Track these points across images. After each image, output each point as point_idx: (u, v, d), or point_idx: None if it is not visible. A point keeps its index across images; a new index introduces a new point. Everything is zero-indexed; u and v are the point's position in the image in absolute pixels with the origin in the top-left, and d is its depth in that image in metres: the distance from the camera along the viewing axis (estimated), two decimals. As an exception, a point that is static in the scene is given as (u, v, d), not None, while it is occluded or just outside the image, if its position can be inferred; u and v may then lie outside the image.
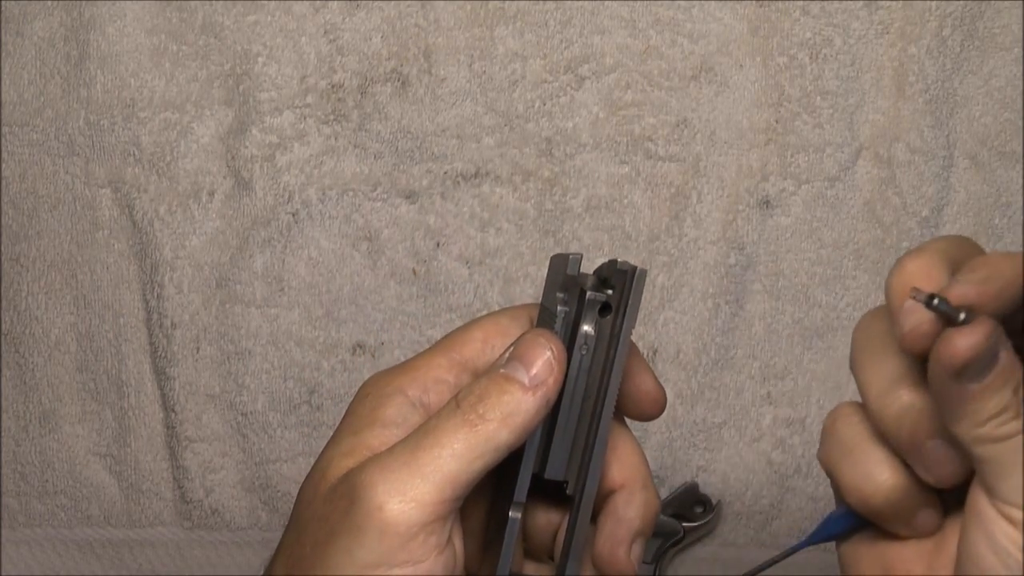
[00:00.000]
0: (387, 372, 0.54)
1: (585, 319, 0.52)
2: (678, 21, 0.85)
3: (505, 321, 0.55)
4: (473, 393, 0.51)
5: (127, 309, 0.86)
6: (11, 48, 0.86)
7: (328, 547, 0.49)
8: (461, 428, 0.50)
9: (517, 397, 0.50)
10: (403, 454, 0.50)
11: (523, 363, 0.51)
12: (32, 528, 0.87)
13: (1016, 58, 0.85)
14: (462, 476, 0.50)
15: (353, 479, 0.50)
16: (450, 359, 0.54)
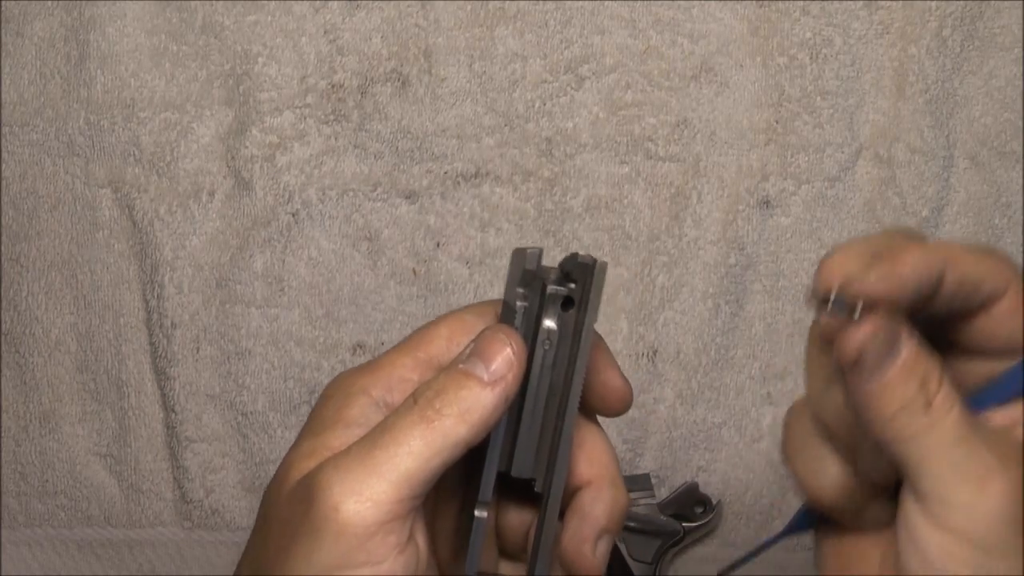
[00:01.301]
0: (351, 372, 0.54)
1: (547, 314, 0.51)
2: (678, 21, 0.85)
3: (470, 318, 0.54)
4: (431, 389, 0.50)
5: (127, 309, 0.86)
6: (11, 48, 0.86)
7: (289, 551, 0.49)
8: (418, 425, 0.49)
9: (475, 393, 0.50)
10: (359, 453, 0.49)
11: (482, 359, 0.50)
12: (32, 528, 0.87)
13: (1016, 58, 0.85)
14: (420, 474, 0.49)
15: (310, 481, 0.49)
16: (414, 358, 0.53)
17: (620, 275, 0.85)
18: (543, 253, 0.52)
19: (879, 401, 0.48)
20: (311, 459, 0.50)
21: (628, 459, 0.85)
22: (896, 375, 0.48)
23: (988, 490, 0.48)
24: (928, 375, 0.49)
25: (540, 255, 0.52)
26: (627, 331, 0.85)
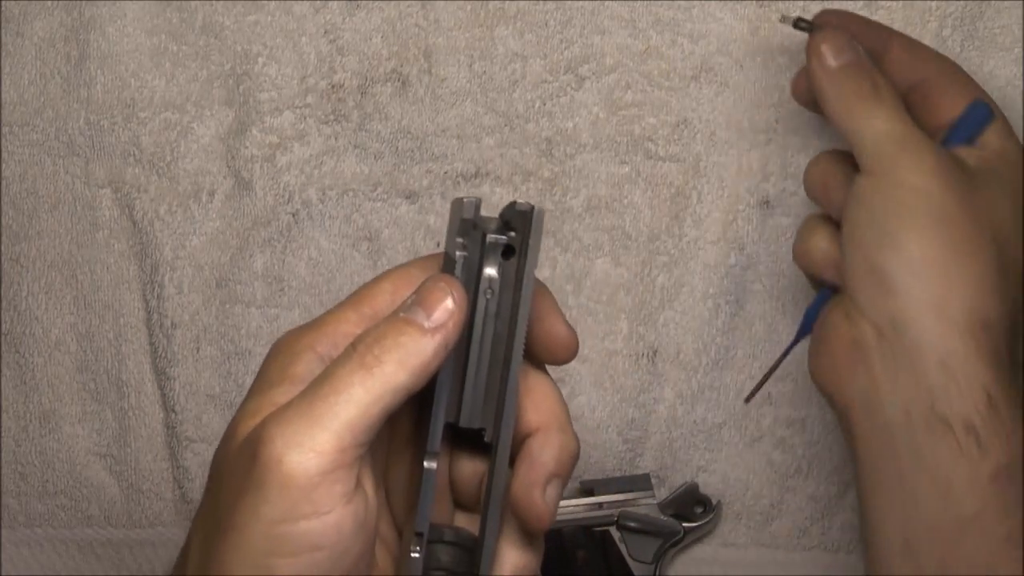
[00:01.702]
0: (297, 330, 0.54)
1: (487, 262, 0.52)
2: (678, 21, 0.85)
3: (415, 272, 0.54)
4: (370, 336, 0.50)
5: (127, 309, 0.86)
6: (11, 48, 0.86)
7: (236, 507, 0.49)
8: (357, 372, 0.49)
9: (415, 339, 0.50)
10: (301, 405, 0.49)
11: (423, 307, 0.51)
12: (32, 528, 0.87)
13: (1016, 58, 0.85)
14: (361, 422, 0.49)
15: (254, 436, 0.49)
16: (360, 313, 0.53)
17: (620, 275, 0.85)
18: (481, 203, 0.52)
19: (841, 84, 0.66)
20: (256, 417, 0.50)
21: (628, 459, 0.86)
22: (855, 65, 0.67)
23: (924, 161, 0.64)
24: (876, 77, 0.67)
25: (478, 204, 0.52)
26: (627, 331, 0.85)
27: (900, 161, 0.64)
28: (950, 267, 0.62)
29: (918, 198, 0.63)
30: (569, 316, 0.84)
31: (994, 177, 0.66)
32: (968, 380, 0.60)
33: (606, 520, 0.82)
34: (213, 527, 0.50)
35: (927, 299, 0.62)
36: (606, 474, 0.85)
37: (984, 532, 0.59)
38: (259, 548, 0.48)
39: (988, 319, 0.61)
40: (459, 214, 0.52)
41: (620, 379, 0.85)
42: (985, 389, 0.60)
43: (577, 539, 0.82)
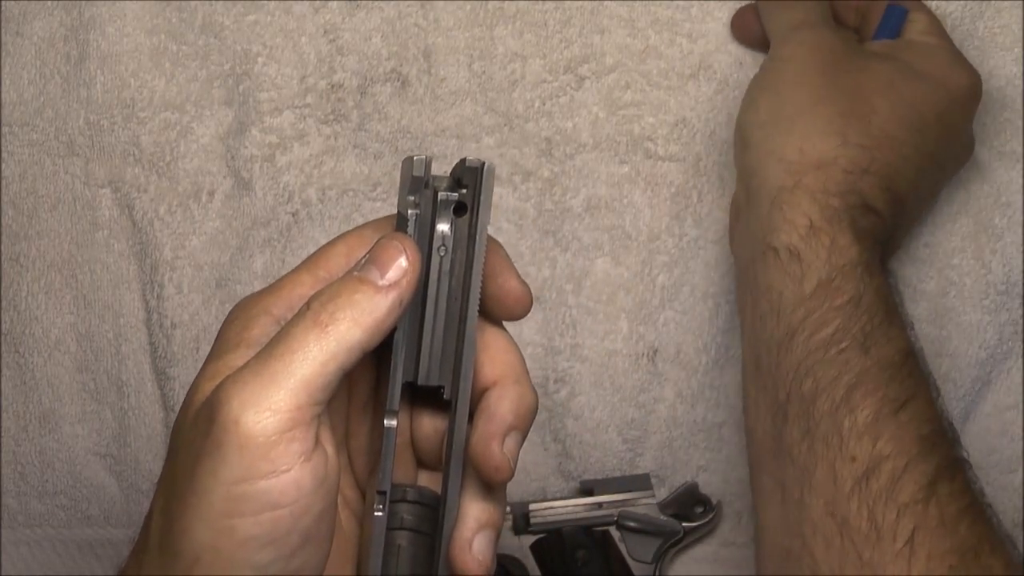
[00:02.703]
0: (253, 295, 0.54)
1: (440, 219, 0.52)
2: (677, 21, 0.85)
3: (369, 233, 0.54)
4: (324, 294, 0.50)
5: (127, 309, 0.86)
6: (11, 48, 0.86)
7: (195, 471, 0.49)
8: (312, 330, 0.49)
9: (369, 297, 0.50)
10: (256, 366, 0.49)
11: (376, 265, 0.51)
12: (32, 528, 0.87)
13: (1016, 58, 0.85)
14: (317, 379, 0.49)
15: (211, 399, 0.49)
16: (315, 276, 0.53)
17: (620, 275, 0.85)
18: (432, 161, 0.52)
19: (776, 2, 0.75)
20: (213, 380, 0.50)
21: (628, 459, 0.85)
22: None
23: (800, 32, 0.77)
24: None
25: (429, 162, 0.52)
26: (627, 331, 0.85)
27: (787, 39, 0.76)
28: (794, 120, 0.72)
29: (782, 65, 0.75)
30: (569, 316, 0.85)
31: (893, 56, 0.76)
32: (792, 211, 0.69)
33: (606, 520, 0.82)
34: (172, 492, 0.50)
35: (768, 148, 0.72)
36: (606, 474, 0.85)
37: (807, 338, 0.66)
38: (219, 509, 0.48)
39: (822, 160, 0.70)
40: (410, 172, 0.52)
41: (620, 379, 0.85)
42: (807, 216, 0.69)
43: (577, 539, 0.82)
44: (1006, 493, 0.86)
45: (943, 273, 0.85)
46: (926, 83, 0.75)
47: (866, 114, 0.72)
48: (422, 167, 0.52)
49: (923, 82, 0.75)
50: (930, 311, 0.85)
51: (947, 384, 0.85)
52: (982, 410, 0.86)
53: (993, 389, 0.86)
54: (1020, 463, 0.86)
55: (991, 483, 0.86)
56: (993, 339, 0.85)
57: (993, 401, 0.86)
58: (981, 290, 0.85)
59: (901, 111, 0.73)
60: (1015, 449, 0.86)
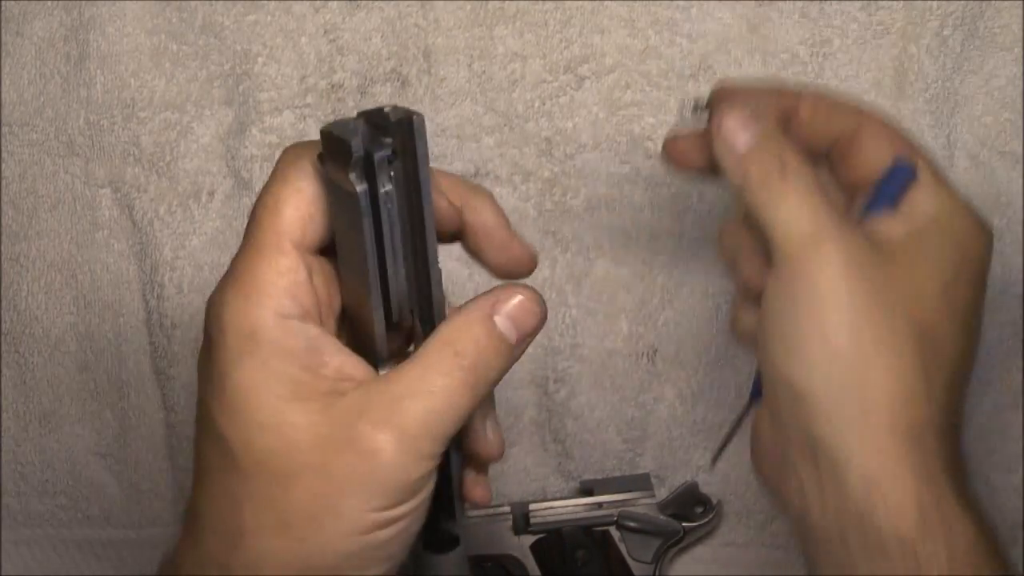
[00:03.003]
0: (245, 303, 0.53)
1: (382, 181, 0.51)
2: (677, 21, 0.85)
3: (304, 185, 0.54)
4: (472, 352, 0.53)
5: (127, 309, 0.87)
6: (11, 48, 0.86)
7: (337, 502, 0.52)
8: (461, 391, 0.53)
9: (509, 360, 0.55)
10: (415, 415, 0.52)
11: (515, 325, 0.55)
12: (32, 528, 0.88)
13: (1017, 58, 0.85)
14: (456, 428, 0.53)
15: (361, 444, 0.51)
16: (289, 257, 0.53)
17: (620, 275, 0.85)
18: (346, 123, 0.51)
19: (745, 167, 0.59)
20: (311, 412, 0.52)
21: (628, 459, 0.85)
22: (760, 145, 0.59)
23: (823, 248, 0.57)
24: (785, 151, 0.59)
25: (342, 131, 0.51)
26: (627, 331, 0.85)
27: (805, 258, 0.57)
28: (863, 374, 0.57)
29: (824, 301, 0.57)
30: (569, 316, 0.85)
31: (921, 248, 0.60)
32: (897, 497, 0.56)
33: (606, 520, 0.82)
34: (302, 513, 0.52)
35: (842, 413, 0.57)
36: (606, 474, 0.85)
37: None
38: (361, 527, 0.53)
39: (913, 425, 0.57)
40: (343, 142, 0.51)
41: (620, 379, 0.85)
42: (917, 503, 0.56)
43: (577, 539, 0.82)
44: (1006, 493, 0.86)
45: (943, 273, 0.85)
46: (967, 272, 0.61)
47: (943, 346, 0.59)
48: (358, 147, 0.50)
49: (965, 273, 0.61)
50: (930, 311, 0.85)
51: (947, 384, 0.86)
52: (982, 410, 0.86)
53: (993, 389, 0.86)
54: (1020, 463, 0.86)
55: (991, 483, 0.86)
56: (993, 339, 0.85)
57: (993, 401, 0.86)
58: (981, 290, 0.85)
59: (960, 321, 0.60)
60: (1015, 449, 0.86)
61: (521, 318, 0.55)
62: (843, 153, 0.63)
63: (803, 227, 0.57)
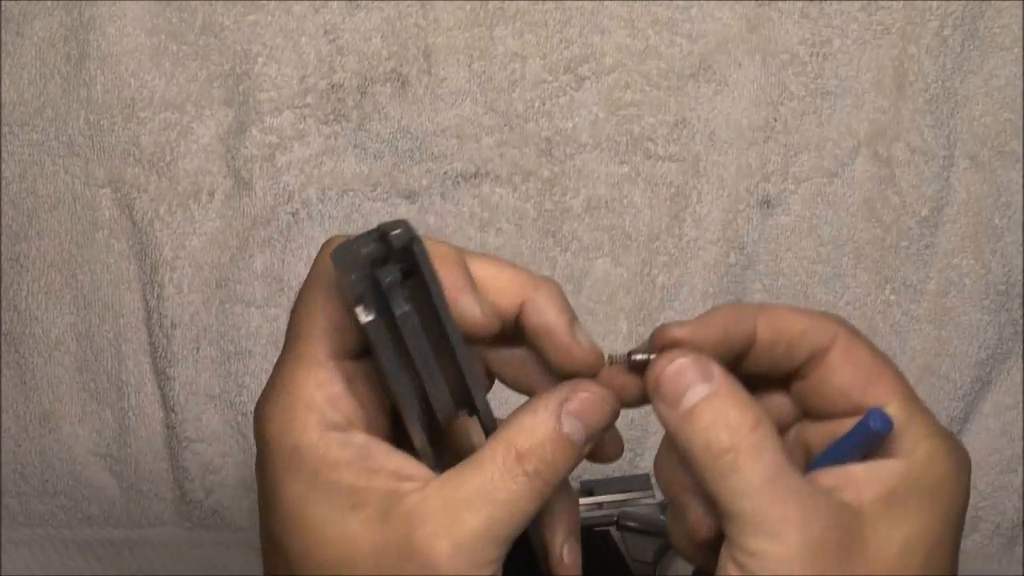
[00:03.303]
0: (289, 417, 0.51)
1: (395, 304, 0.49)
2: (676, 21, 0.85)
3: (331, 291, 0.52)
4: (537, 457, 0.50)
5: (127, 309, 0.87)
6: (11, 48, 0.86)
7: None
8: (523, 494, 0.50)
9: (575, 460, 0.51)
10: (473, 522, 0.49)
11: (583, 423, 0.51)
12: (32, 528, 0.87)
13: (1016, 58, 0.85)
14: (519, 531, 0.50)
15: (421, 556, 0.49)
16: (325, 367, 0.51)
17: (620, 275, 0.85)
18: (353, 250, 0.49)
19: (687, 434, 0.50)
20: (366, 522, 0.50)
21: (628, 459, 0.85)
22: (700, 408, 0.50)
23: (787, 540, 0.49)
24: (738, 418, 0.50)
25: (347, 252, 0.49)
26: (627, 331, 0.85)
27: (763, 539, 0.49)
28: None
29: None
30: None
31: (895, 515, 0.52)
32: None
33: (606, 520, 0.82)
34: None
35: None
36: (606, 474, 0.85)
37: None
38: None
39: None
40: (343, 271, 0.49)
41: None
42: None
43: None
44: (1006, 493, 0.86)
45: (943, 273, 0.85)
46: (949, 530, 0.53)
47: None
48: (358, 288, 0.49)
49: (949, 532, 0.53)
50: (930, 311, 0.85)
51: (947, 384, 0.86)
52: (982, 410, 0.86)
53: (993, 389, 0.86)
54: (1020, 463, 0.86)
55: (991, 483, 0.86)
56: (993, 339, 0.85)
57: (993, 401, 0.86)
58: (981, 290, 0.85)
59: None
60: (1015, 449, 0.86)
61: (589, 415, 0.51)
62: (806, 379, 0.55)
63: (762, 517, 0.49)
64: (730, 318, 0.53)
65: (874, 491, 0.51)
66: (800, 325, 0.54)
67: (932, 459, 0.53)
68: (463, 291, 0.52)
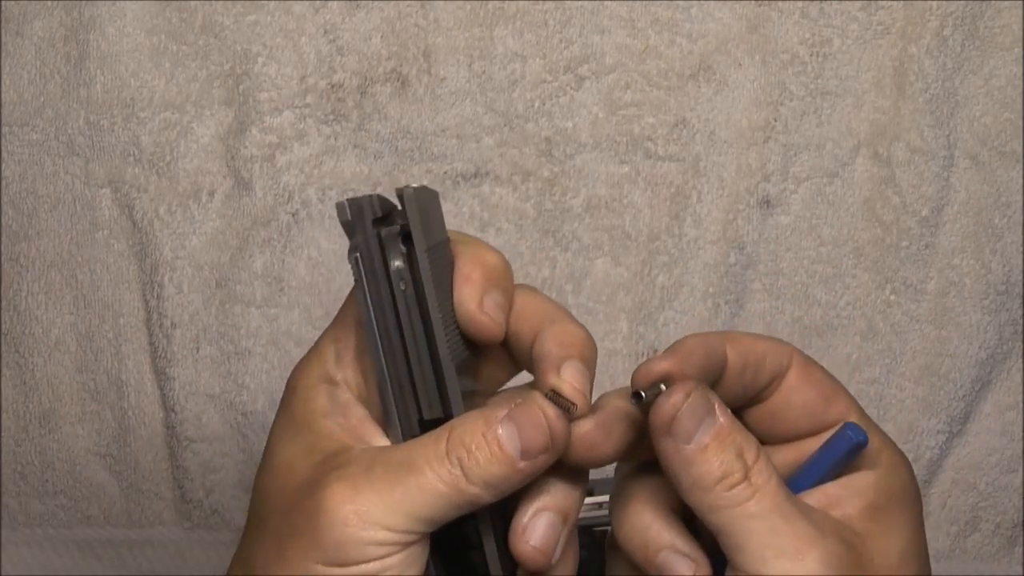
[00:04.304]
0: (306, 363, 0.55)
1: (391, 257, 0.50)
2: (677, 21, 0.85)
3: None
4: (463, 447, 0.50)
5: (127, 309, 0.87)
6: (11, 48, 0.86)
7: (288, 545, 0.50)
8: (443, 480, 0.50)
9: (505, 470, 0.50)
10: (380, 484, 0.50)
11: (519, 431, 0.51)
12: (32, 528, 0.88)
13: (1016, 58, 0.85)
14: (435, 517, 0.50)
15: (321, 494, 0.50)
16: (347, 327, 0.54)
17: (620, 275, 0.85)
18: (367, 201, 0.50)
19: (700, 467, 0.51)
20: (310, 455, 0.52)
21: (628, 459, 0.85)
22: (713, 440, 0.51)
23: (806, 560, 0.50)
24: (744, 446, 0.51)
25: (359, 205, 0.50)
26: (627, 331, 0.85)
27: (776, 569, 0.50)
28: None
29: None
30: (569, 316, 0.85)
31: (878, 524, 0.54)
32: None
33: (606, 520, 0.82)
34: (262, 557, 0.52)
35: None
36: (606, 474, 0.85)
37: None
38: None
39: None
40: (344, 216, 0.50)
41: (620, 379, 0.85)
42: None
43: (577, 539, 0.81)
44: (1006, 493, 0.86)
45: (943, 273, 0.85)
46: (919, 521, 0.56)
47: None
48: (346, 211, 0.50)
49: (919, 525, 0.56)
50: (930, 311, 0.85)
51: (947, 384, 0.86)
52: (982, 410, 0.86)
53: (993, 389, 0.86)
54: (1020, 463, 0.86)
55: (991, 483, 0.86)
56: (993, 339, 0.85)
57: (993, 401, 0.86)
58: (981, 290, 0.85)
59: None
60: (1015, 449, 0.86)
61: (528, 431, 0.51)
62: (765, 404, 0.56)
63: (780, 540, 0.50)
64: (706, 346, 0.53)
65: (857, 506, 0.53)
66: (761, 348, 0.55)
67: (895, 466, 0.55)
68: (471, 283, 0.53)
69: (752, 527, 0.50)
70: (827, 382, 0.56)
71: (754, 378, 0.54)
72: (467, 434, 0.51)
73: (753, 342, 0.55)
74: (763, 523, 0.50)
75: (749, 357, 0.54)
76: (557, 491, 0.54)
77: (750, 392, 0.55)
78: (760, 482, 0.51)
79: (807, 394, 0.55)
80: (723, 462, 0.50)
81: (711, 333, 0.54)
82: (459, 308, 0.53)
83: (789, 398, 0.55)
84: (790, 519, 0.50)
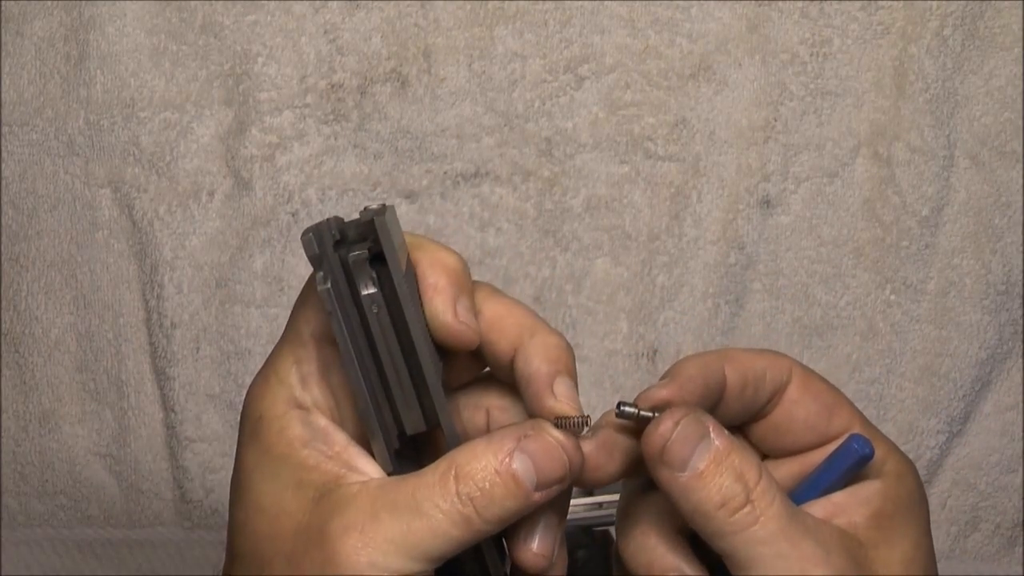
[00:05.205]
0: (266, 388, 0.52)
1: (361, 283, 0.49)
2: (676, 21, 0.85)
3: None
4: (474, 484, 0.49)
5: (127, 309, 0.86)
6: (11, 48, 0.86)
7: None
8: (455, 522, 0.49)
9: (521, 505, 0.49)
10: (391, 533, 0.49)
11: (535, 463, 0.49)
12: (32, 528, 0.87)
13: (1016, 58, 0.85)
14: (447, 554, 0.49)
15: (332, 547, 0.49)
16: (306, 347, 0.52)
17: (620, 275, 0.85)
18: (327, 229, 0.49)
19: (698, 495, 0.49)
20: (301, 490, 0.50)
21: (628, 459, 0.85)
22: (709, 465, 0.49)
23: None
24: (744, 468, 0.50)
25: (320, 234, 0.48)
26: (627, 331, 0.85)
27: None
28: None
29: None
30: (569, 316, 0.85)
31: (884, 533, 0.54)
32: None
33: (606, 520, 0.82)
34: None
35: None
36: (606, 474, 0.85)
37: None
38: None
39: None
40: (311, 250, 0.49)
41: (620, 379, 0.85)
42: None
43: (577, 539, 0.81)
44: (1006, 493, 0.86)
45: (943, 273, 0.85)
46: (926, 528, 0.55)
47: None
48: (313, 245, 0.49)
49: (926, 532, 0.55)
50: (930, 311, 0.85)
51: (947, 384, 0.86)
52: (982, 410, 0.86)
53: (993, 389, 0.86)
54: (1020, 463, 0.86)
55: (991, 483, 0.86)
56: (993, 339, 0.85)
57: (993, 401, 0.86)
58: (981, 290, 0.85)
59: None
60: (1015, 449, 0.86)
61: (544, 463, 0.49)
62: (767, 418, 0.55)
63: (786, 563, 0.50)
64: (705, 370, 0.52)
65: (864, 514, 0.53)
66: (760, 364, 0.54)
67: (901, 474, 0.54)
68: (441, 292, 0.51)
69: (758, 553, 0.49)
70: (828, 393, 0.55)
71: (755, 395, 0.54)
72: (477, 471, 0.49)
73: (752, 359, 0.54)
74: (769, 548, 0.49)
75: (748, 375, 0.53)
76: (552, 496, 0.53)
77: (751, 409, 0.54)
78: (764, 505, 0.50)
79: (809, 407, 0.54)
80: (722, 487, 0.49)
81: (709, 353, 0.54)
82: (434, 320, 0.51)
83: (791, 412, 0.54)
84: (796, 542, 0.50)
